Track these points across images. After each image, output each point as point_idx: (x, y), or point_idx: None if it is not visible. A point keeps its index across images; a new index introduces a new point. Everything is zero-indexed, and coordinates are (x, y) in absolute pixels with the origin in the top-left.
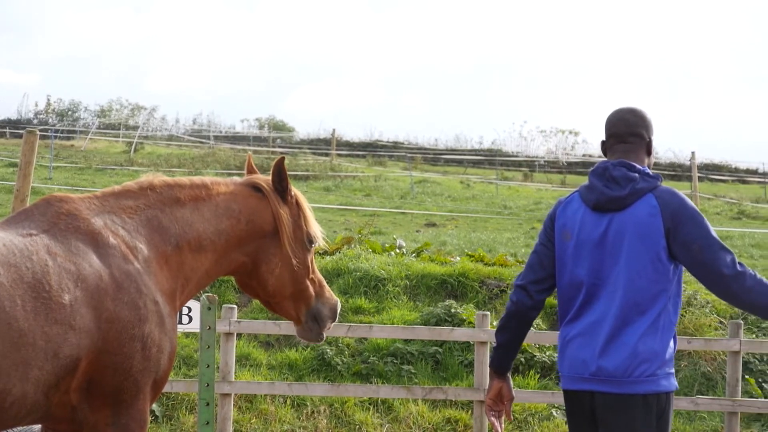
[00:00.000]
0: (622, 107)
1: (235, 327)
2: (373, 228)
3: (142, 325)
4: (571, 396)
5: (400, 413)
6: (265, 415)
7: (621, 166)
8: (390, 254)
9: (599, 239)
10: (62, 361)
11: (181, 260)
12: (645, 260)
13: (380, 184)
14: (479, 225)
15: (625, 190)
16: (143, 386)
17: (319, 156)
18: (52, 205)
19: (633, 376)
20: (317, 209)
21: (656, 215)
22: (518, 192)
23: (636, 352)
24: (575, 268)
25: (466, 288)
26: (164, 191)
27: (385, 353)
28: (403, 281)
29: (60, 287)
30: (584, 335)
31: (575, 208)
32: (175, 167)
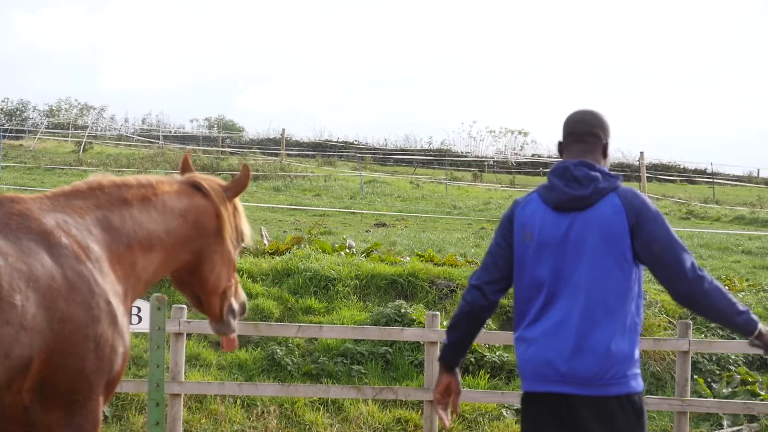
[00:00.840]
0: (581, 109)
1: (185, 327)
2: (322, 228)
3: (95, 325)
4: (536, 398)
5: (351, 413)
6: (215, 416)
7: (582, 166)
8: (340, 254)
9: (561, 239)
10: (13, 361)
11: (133, 260)
12: (610, 260)
13: (330, 184)
14: (429, 225)
15: (588, 189)
16: (96, 386)
17: (268, 156)
18: (3, 206)
19: (605, 378)
20: (267, 209)
21: (620, 214)
22: (467, 192)
23: (608, 353)
24: (536, 269)
25: (416, 288)
26: (113, 191)
27: (335, 353)
28: (353, 281)
29: (11, 287)
30: (548, 336)
31: (534, 208)
32: (124, 167)
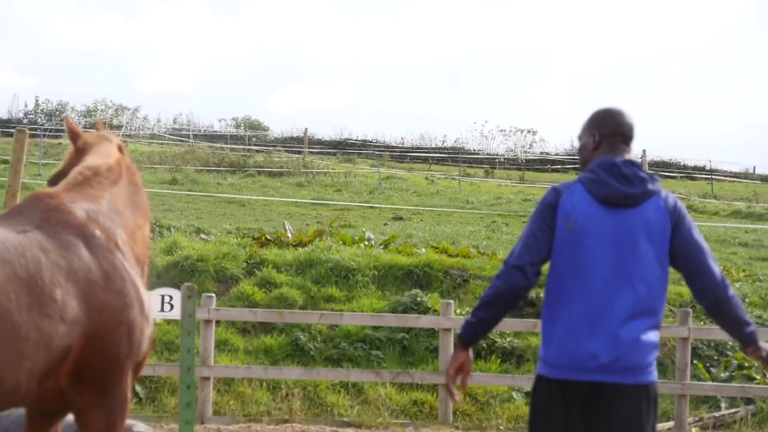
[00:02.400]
0: (623, 109)
1: (214, 314)
2: (343, 221)
3: (128, 311)
4: (566, 386)
5: (370, 396)
6: (242, 398)
7: (631, 165)
8: (359, 246)
9: (608, 232)
10: (54, 351)
11: (143, 235)
12: (653, 259)
13: (350, 180)
14: (443, 219)
15: (639, 188)
16: (127, 369)
17: (292, 153)
18: (41, 201)
19: (641, 368)
20: (290, 203)
21: (664, 216)
22: (480, 188)
23: (645, 345)
24: (577, 257)
25: (431, 278)
26: (107, 177)
27: (355, 339)
28: (372, 271)
29: (52, 282)
30: (588, 325)
31: (580, 199)
32: (157, 164)
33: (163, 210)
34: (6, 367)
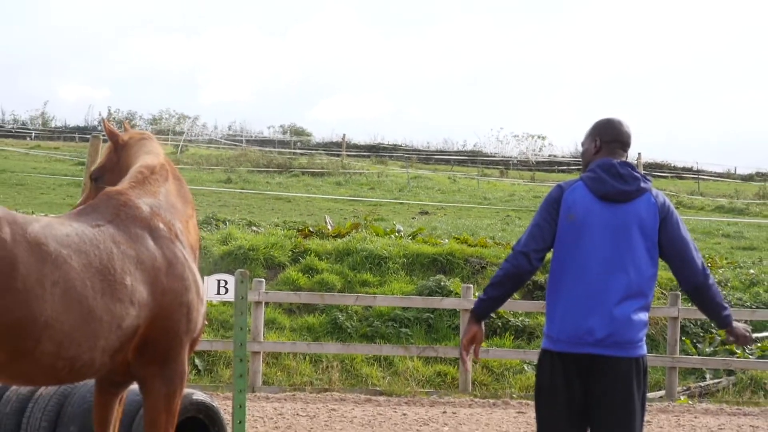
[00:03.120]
0: (621, 119)
1: (264, 297)
2: (376, 216)
3: (187, 293)
4: (567, 358)
5: (399, 368)
6: (288, 369)
7: (626, 166)
8: (390, 237)
9: (605, 224)
10: (124, 331)
11: (193, 224)
12: (643, 248)
13: (382, 179)
14: (463, 213)
15: (632, 186)
16: (185, 344)
17: (331, 156)
18: (112, 199)
19: (632, 343)
20: (330, 200)
21: (654, 212)
22: (496, 186)
23: (635, 323)
24: (578, 246)
25: (453, 265)
26: (160, 175)
27: (386, 318)
28: (402, 259)
29: (123, 271)
30: (587, 304)
31: (581, 195)
32: (214, 165)
33: (219, 206)
34: (83, 345)
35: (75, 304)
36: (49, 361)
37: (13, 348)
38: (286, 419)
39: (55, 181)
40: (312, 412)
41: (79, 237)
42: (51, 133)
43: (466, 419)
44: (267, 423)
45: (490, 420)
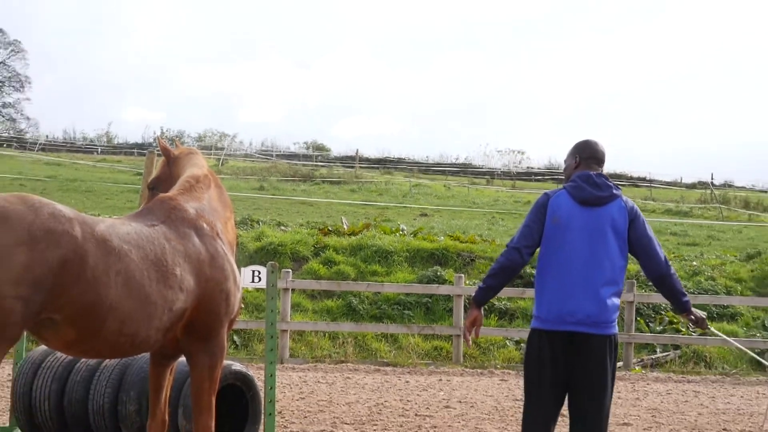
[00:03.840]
0: (596, 140)
1: (290, 284)
2: (384, 217)
3: (226, 282)
4: (552, 335)
5: (403, 343)
6: (310, 345)
7: (601, 177)
8: (395, 235)
9: (585, 225)
10: (174, 313)
11: (231, 224)
12: (615, 245)
13: (389, 187)
14: (456, 215)
15: (606, 193)
16: (224, 324)
17: (347, 168)
18: (164, 203)
19: (606, 323)
20: (346, 204)
21: (623, 214)
22: (483, 193)
23: (610, 307)
24: (564, 243)
25: (447, 258)
26: (204, 183)
27: (392, 302)
28: (405, 253)
29: (173, 263)
30: (570, 291)
31: (564, 200)
32: (249, 176)
33: (254, 209)
34: (141, 325)
35: (134, 291)
36: (113, 338)
37: (84, 327)
38: (308, 386)
39: (118, 189)
40: (330, 380)
41: (138, 234)
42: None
43: (458, 385)
44: (293, 389)
45: (478, 386)
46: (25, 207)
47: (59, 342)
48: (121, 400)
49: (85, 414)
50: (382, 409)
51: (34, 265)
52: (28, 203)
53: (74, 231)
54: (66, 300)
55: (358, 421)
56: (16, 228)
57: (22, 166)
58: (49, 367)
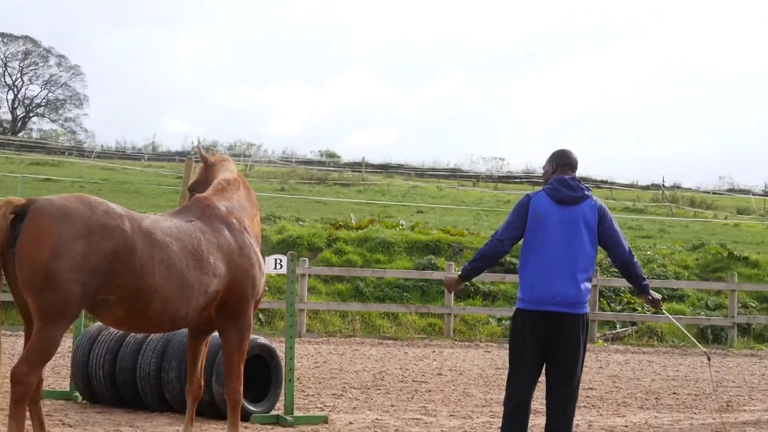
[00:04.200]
0: (569, 149)
1: (307, 270)
2: (386, 214)
3: (252, 269)
4: (534, 314)
5: (402, 320)
6: (324, 322)
7: (575, 180)
8: (396, 229)
9: (561, 221)
10: (209, 295)
11: (257, 220)
12: (587, 238)
13: (390, 188)
14: (447, 212)
15: (578, 193)
16: (250, 304)
17: (355, 172)
18: (200, 202)
19: (579, 304)
20: (354, 203)
21: (593, 211)
22: (469, 194)
23: (582, 290)
24: (545, 237)
25: (440, 248)
26: (234, 184)
27: (393, 286)
28: (404, 244)
29: (207, 252)
30: (549, 276)
31: (543, 200)
32: (272, 179)
33: (276, 207)
34: (180, 305)
35: (175, 276)
36: (156, 316)
37: (133, 307)
38: (322, 356)
39: (161, 190)
40: (341, 352)
41: (178, 229)
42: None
43: (449, 356)
44: (309, 359)
45: (465, 357)
46: (83, 205)
47: (112, 319)
48: (164, 368)
49: (134, 380)
50: (384, 376)
51: (91, 254)
52: (85, 202)
53: (124, 226)
54: (117, 284)
55: (364, 386)
56: (76, 223)
57: (81, 171)
58: (103, 341)
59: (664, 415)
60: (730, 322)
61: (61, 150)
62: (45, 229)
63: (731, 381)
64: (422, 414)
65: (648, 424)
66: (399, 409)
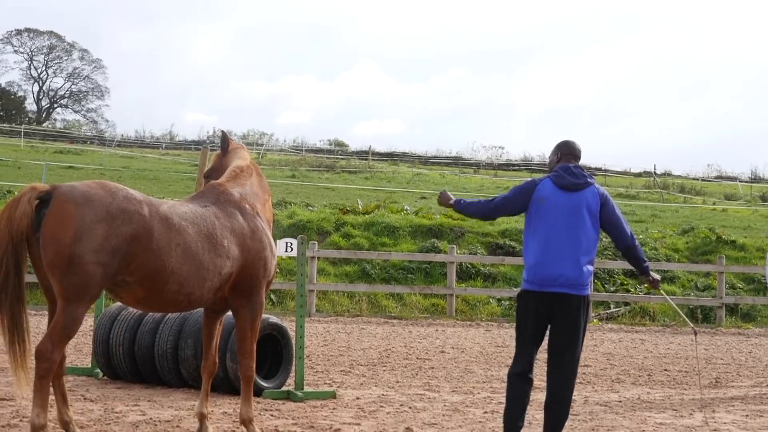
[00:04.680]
0: (574, 140)
1: (317, 253)
2: (391, 200)
3: (263, 251)
4: (538, 295)
5: (407, 301)
6: (332, 302)
7: (578, 168)
8: (401, 214)
9: (564, 206)
10: (223, 276)
11: (269, 206)
12: (589, 223)
13: (396, 175)
14: None
15: (581, 180)
16: (262, 284)
17: (362, 160)
18: (215, 188)
19: (582, 285)
20: (360, 189)
21: (596, 198)
22: (470, 180)
23: (585, 272)
24: (549, 221)
25: (442, 232)
26: (247, 171)
27: (398, 267)
28: (408, 228)
29: (222, 236)
30: (553, 259)
31: (548, 186)
32: (283, 166)
33: (287, 193)
34: (196, 286)
35: (191, 259)
36: (173, 297)
37: (151, 287)
38: (330, 335)
39: (178, 177)
40: (348, 330)
41: (193, 213)
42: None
43: (451, 335)
44: (318, 337)
45: (467, 335)
46: (104, 191)
47: (131, 299)
48: (181, 346)
49: (152, 357)
50: (390, 354)
51: (112, 237)
52: (106, 188)
53: (143, 210)
54: (136, 266)
55: (371, 363)
56: (98, 208)
57: (102, 159)
58: (122, 320)
59: (656, 390)
60: (719, 302)
61: (84, 139)
62: (68, 213)
63: (720, 358)
64: (426, 390)
65: (641, 400)
66: (404, 385)
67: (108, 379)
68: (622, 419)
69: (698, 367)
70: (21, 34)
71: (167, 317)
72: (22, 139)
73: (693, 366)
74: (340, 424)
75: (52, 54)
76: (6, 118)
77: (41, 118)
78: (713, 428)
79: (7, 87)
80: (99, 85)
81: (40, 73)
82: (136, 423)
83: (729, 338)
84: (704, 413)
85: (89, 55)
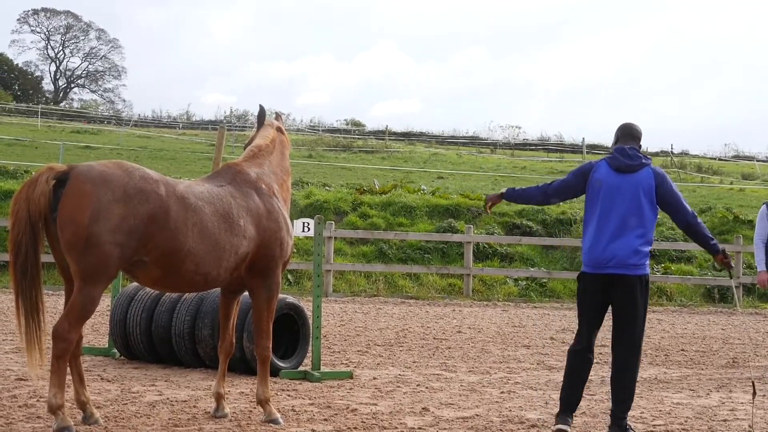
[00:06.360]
0: (634, 123)
1: (334, 233)
2: (408, 180)
3: (280, 231)
4: (594, 277)
5: (424, 281)
6: (349, 282)
7: (633, 150)
8: (418, 194)
9: (621, 188)
10: (239, 256)
11: (287, 186)
12: (646, 204)
13: (413, 155)
14: (466, 178)
15: (637, 162)
16: (278, 265)
17: (379, 140)
18: (231, 168)
19: (637, 265)
20: (377, 170)
21: (652, 180)
22: (487, 160)
23: (641, 252)
24: (604, 204)
25: (459, 212)
26: (266, 150)
27: (415, 247)
28: (425, 208)
29: (238, 216)
30: (610, 240)
31: (604, 169)
32: (301, 146)
33: (304, 173)
34: (212, 265)
35: (207, 238)
36: (190, 276)
37: (168, 266)
38: (347, 315)
39: (195, 157)
40: (365, 311)
41: (210, 193)
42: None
43: (468, 315)
44: (335, 317)
45: (483, 315)
46: (121, 171)
47: (148, 279)
48: (198, 326)
49: (169, 337)
50: (406, 334)
51: (129, 217)
52: (123, 168)
53: (160, 190)
54: (153, 245)
55: (388, 344)
56: (115, 188)
57: (119, 139)
58: (139, 300)
59: (673, 370)
60: (736, 282)
61: (101, 119)
62: (85, 193)
63: (737, 338)
64: (443, 370)
65: (657, 379)
66: (420, 365)
67: (125, 359)
68: (639, 399)
69: (750, 352)
70: (38, 14)
71: (184, 297)
72: (39, 119)
73: (710, 345)
74: (357, 404)
75: (69, 34)
76: (23, 98)
77: (58, 98)
78: (730, 408)
79: (24, 67)
80: (116, 64)
81: (57, 53)
82: (152, 403)
83: (746, 318)
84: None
85: (106, 34)
